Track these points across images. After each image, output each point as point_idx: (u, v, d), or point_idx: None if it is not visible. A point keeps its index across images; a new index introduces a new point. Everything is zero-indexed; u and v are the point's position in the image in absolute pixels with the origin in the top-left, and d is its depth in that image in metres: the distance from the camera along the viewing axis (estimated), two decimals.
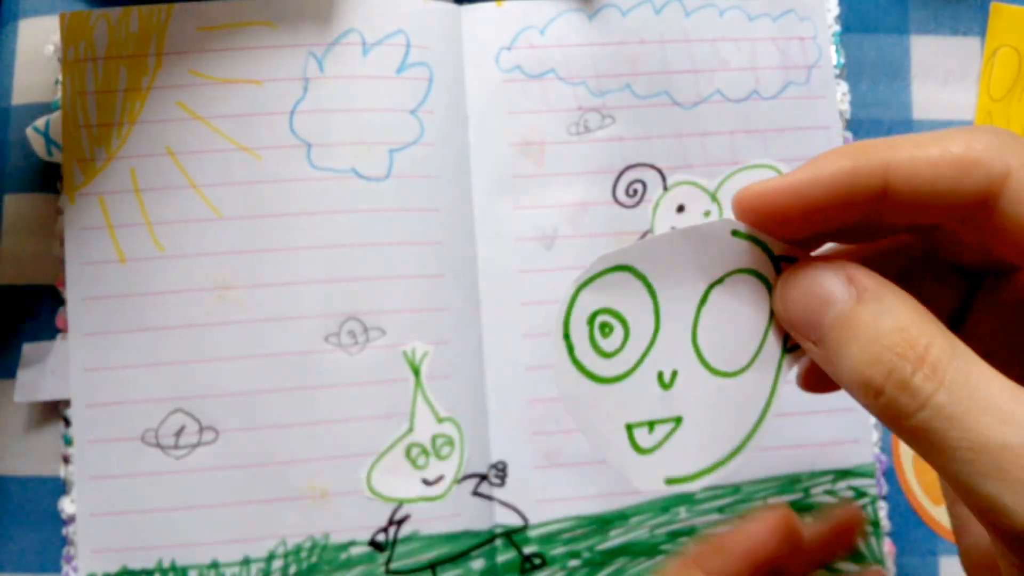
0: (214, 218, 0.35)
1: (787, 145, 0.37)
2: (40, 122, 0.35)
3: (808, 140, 0.37)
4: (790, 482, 0.35)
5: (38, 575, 0.34)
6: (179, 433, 0.34)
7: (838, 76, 0.37)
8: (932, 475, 0.36)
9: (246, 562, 0.34)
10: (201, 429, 0.34)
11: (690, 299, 0.21)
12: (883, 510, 0.35)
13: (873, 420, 0.36)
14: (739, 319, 0.21)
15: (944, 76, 0.38)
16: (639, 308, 0.21)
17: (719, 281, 0.21)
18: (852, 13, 0.38)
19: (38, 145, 0.35)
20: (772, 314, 0.21)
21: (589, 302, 0.21)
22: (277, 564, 0.34)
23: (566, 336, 0.21)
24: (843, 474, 0.35)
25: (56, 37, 0.36)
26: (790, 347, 0.22)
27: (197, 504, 0.34)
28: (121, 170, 0.35)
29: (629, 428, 0.21)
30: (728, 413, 0.21)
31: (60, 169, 0.35)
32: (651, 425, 0.21)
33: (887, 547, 0.35)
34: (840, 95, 0.37)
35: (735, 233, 0.21)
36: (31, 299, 0.35)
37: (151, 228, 0.35)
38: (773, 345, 0.21)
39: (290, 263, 0.35)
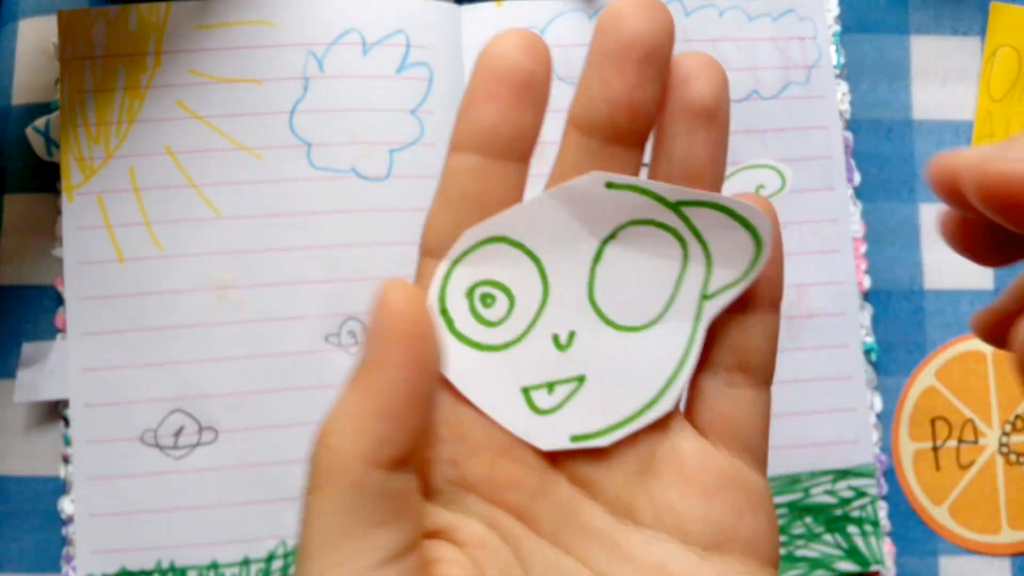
0: (214, 218, 0.35)
1: (787, 145, 0.37)
2: (40, 122, 0.35)
3: (808, 140, 0.37)
4: (790, 482, 0.35)
5: (38, 575, 0.34)
6: (178, 433, 0.34)
7: (838, 76, 0.37)
8: (932, 475, 0.36)
9: (246, 562, 0.34)
10: (200, 429, 0.34)
11: (581, 259, 0.20)
12: (883, 510, 0.35)
13: (873, 420, 0.36)
14: (643, 272, 0.21)
15: (944, 76, 0.38)
16: (522, 275, 0.20)
17: (612, 236, 0.20)
18: (852, 13, 0.38)
19: (38, 145, 0.35)
20: (685, 261, 0.20)
21: (465, 276, 0.20)
22: (277, 564, 0.34)
23: (443, 311, 0.20)
24: (843, 474, 0.35)
25: (56, 37, 0.36)
26: (709, 294, 0.21)
27: (196, 504, 0.34)
28: (120, 169, 0.35)
29: (525, 391, 0.20)
30: (639, 367, 0.21)
31: (60, 169, 0.35)
32: (550, 386, 0.20)
33: (887, 547, 0.35)
34: (840, 95, 0.37)
35: (611, 185, 0.20)
36: (31, 299, 0.35)
37: (150, 228, 0.35)
38: (689, 292, 0.21)
39: (290, 263, 0.35)
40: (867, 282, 0.36)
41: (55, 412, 0.35)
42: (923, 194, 0.37)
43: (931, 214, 0.37)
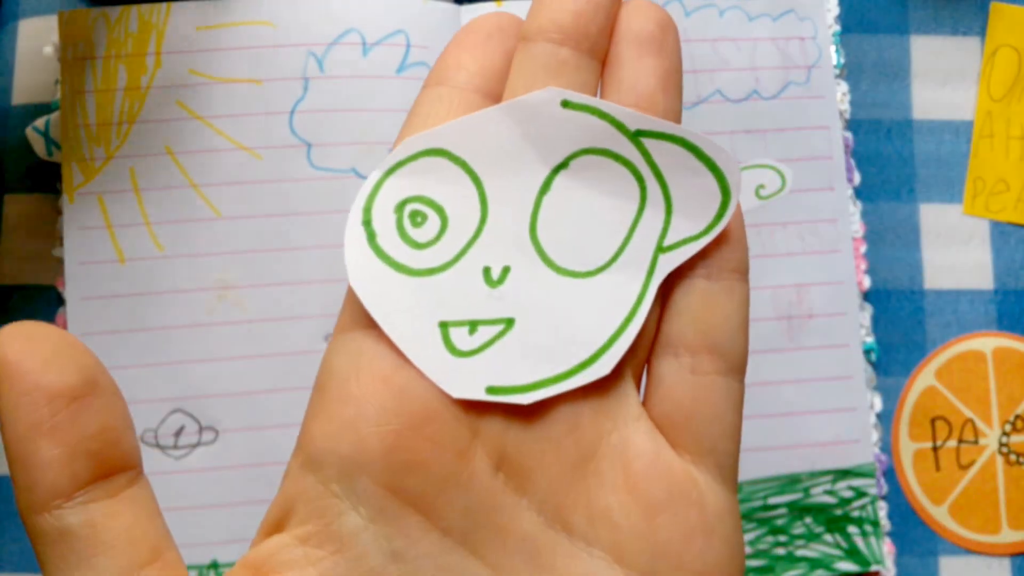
0: (214, 218, 0.35)
1: (787, 145, 0.37)
2: (40, 122, 0.35)
3: (808, 140, 0.37)
4: (790, 482, 0.35)
5: (38, 575, 0.34)
6: (179, 433, 0.34)
7: (838, 76, 0.37)
8: (932, 475, 0.36)
9: None
10: (201, 429, 0.34)
11: (527, 187, 0.18)
12: (883, 510, 0.35)
13: (873, 420, 0.36)
14: (595, 211, 0.18)
15: (944, 76, 0.38)
16: (459, 196, 0.18)
17: (563, 165, 0.18)
18: (852, 13, 0.38)
19: (38, 145, 0.35)
20: (642, 204, 0.18)
21: (397, 189, 0.18)
22: None
23: (366, 223, 0.18)
24: (843, 474, 0.35)
25: (56, 37, 0.36)
26: (667, 246, 0.18)
27: (197, 504, 0.34)
28: (120, 170, 0.35)
29: (444, 326, 0.18)
30: (578, 319, 0.18)
31: (60, 169, 0.35)
32: (473, 325, 0.18)
33: (887, 547, 0.35)
34: (840, 95, 0.37)
35: (567, 104, 0.18)
36: (31, 299, 0.35)
37: (150, 228, 0.35)
38: (644, 241, 0.18)
39: (290, 263, 0.35)
40: (867, 282, 0.36)
41: None
42: (923, 194, 0.37)
43: (931, 214, 0.37)
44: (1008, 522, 0.35)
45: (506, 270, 0.18)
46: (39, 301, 0.35)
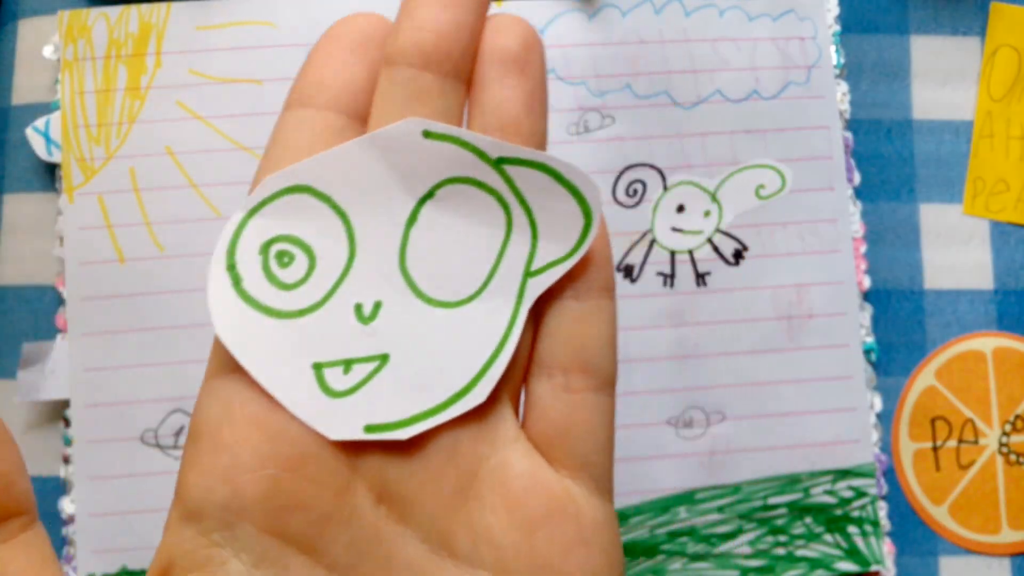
0: (214, 218, 0.35)
1: (787, 145, 0.37)
2: (40, 122, 0.35)
3: (808, 140, 0.37)
4: (790, 482, 0.35)
5: None
6: (179, 433, 0.34)
7: (838, 76, 0.37)
8: (932, 475, 0.36)
9: None
10: None
11: (394, 219, 0.18)
12: (883, 510, 0.35)
13: (873, 420, 0.36)
14: (462, 240, 0.18)
15: (944, 76, 0.38)
16: (326, 233, 0.18)
17: (429, 195, 0.18)
18: (852, 13, 0.38)
19: (38, 145, 0.35)
20: (508, 231, 0.18)
21: (261, 229, 0.18)
22: None
23: (230, 267, 0.18)
24: (843, 474, 0.35)
25: (56, 37, 0.36)
26: (535, 270, 0.18)
27: None
28: (120, 170, 0.35)
29: (318, 368, 0.18)
30: (451, 349, 0.18)
31: (60, 169, 0.35)
32: (347, 364, 0.18)
33: (887, 547, 0.35)
34: (840, 95, 0.37)
35: (428, 134, 0.18)
36: (31, 299, 0.35)
37: (150, 228, 0.35)
38: (512, 266, 0.18)
39: None
40: (867, 282, 0.36)
41: (55, 412, 0.35)
42: (923, 194, 0.37)
43: (931, 214, 0.37)
44: (1008, 522, 0.35)
45: (378, 305, 0.18)
46: (39, 301, 0.35)
